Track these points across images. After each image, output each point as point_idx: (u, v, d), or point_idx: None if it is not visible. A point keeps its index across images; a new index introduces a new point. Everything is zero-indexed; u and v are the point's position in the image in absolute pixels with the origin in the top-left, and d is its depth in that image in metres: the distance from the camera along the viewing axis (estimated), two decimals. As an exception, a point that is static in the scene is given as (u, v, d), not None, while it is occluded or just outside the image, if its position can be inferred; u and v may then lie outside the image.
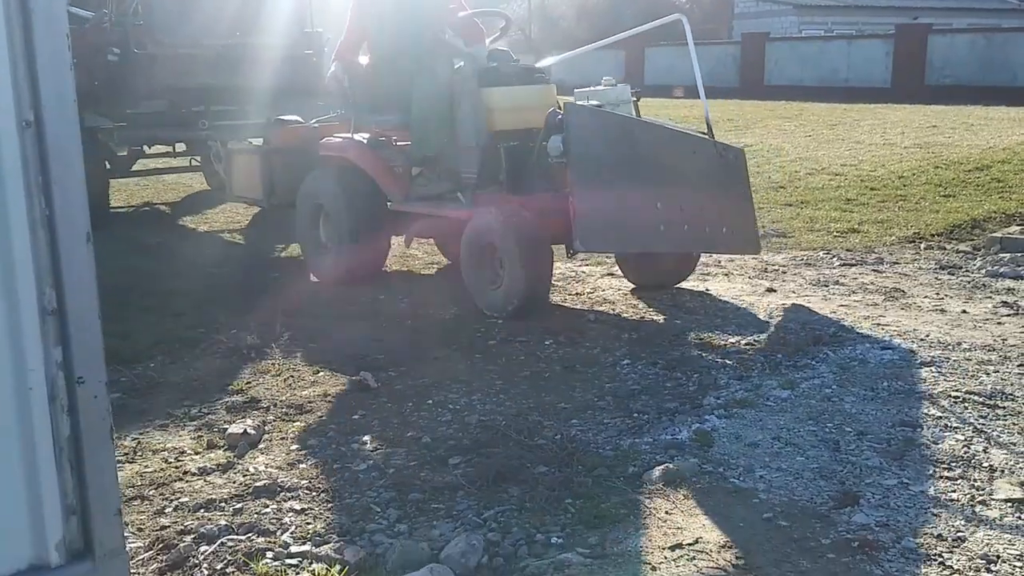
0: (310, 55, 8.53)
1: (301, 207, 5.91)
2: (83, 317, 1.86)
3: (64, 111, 1.78)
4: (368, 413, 3.49)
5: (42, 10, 1.70)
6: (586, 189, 4.39)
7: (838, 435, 3.14)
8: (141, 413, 3.56)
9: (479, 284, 4.87)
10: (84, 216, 1.85)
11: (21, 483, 1.78)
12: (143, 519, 2.66)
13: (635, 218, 4.62)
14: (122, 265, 6.44)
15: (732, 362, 3.97)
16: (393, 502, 2.73)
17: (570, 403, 3.54)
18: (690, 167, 4.98)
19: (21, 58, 1.69)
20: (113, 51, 7.53)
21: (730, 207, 5.18)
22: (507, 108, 5.00)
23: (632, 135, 4.75)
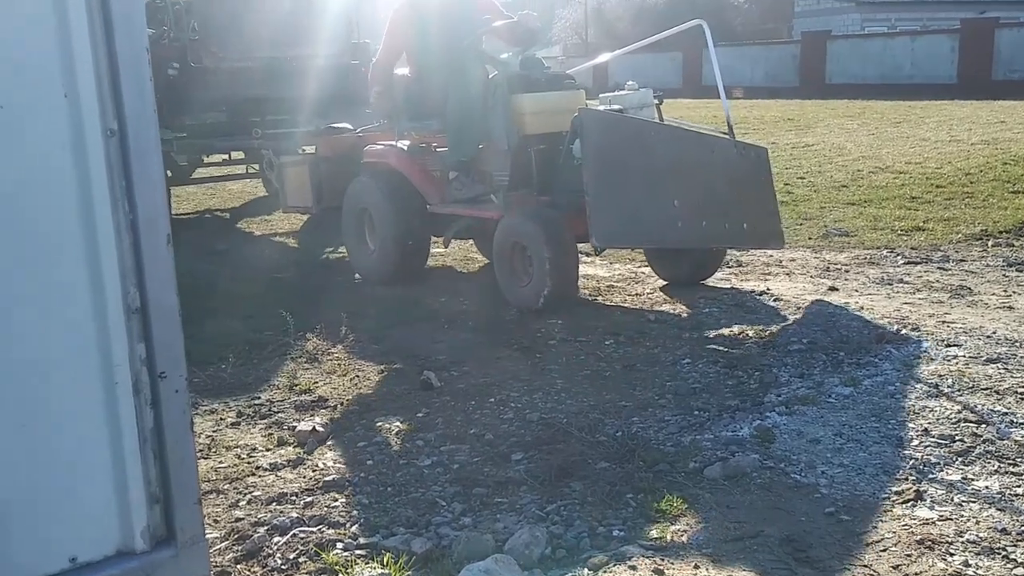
0: (357, 65, 8.80)
1: (347, 211, 6.21)
2: (165, 315, 1.96)
3: (145, 120, 1.88)
4: (431, 411, 3.57)
5: (123, 25, 1.80)
6: (599, 188, 4.60)
7: (901, 431, 3.12)
8: (213, 412, 3.69)
9: (509, 281, 5.12)
10: (165, 219, 1.95)
11: (109, 473, 1.88)
12: (219, 511, 2.77)
13: (651, 215, 4.83)
14: (187, 269, 6.62)
15: (794, 360, 3.97)
16: (458, 496, 2.80)
17: (631, 401, 3.57)
18: (708, 166, 5.15)
19: (105, 71, 1.79)
20: (173, 66, 7.88)
21: (752, 204, 5.34)
22: (537, 112, 5.20)
23: (646, 137, 4.97)
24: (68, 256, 1.76)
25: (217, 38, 8.05)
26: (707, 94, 24.37)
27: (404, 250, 5.79)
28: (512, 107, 5.15)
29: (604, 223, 4.59)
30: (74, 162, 1.74)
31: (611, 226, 4.66)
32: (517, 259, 5.05)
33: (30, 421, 1.76)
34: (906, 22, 32.89)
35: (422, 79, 5.67)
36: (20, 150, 1.67)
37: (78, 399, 1.81)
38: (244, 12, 8.35)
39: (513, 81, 5.22)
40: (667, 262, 5.58)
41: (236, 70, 8.09)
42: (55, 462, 1.80)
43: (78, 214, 1.76)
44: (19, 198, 1.68)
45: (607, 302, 5.22)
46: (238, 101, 8.28)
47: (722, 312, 4.86)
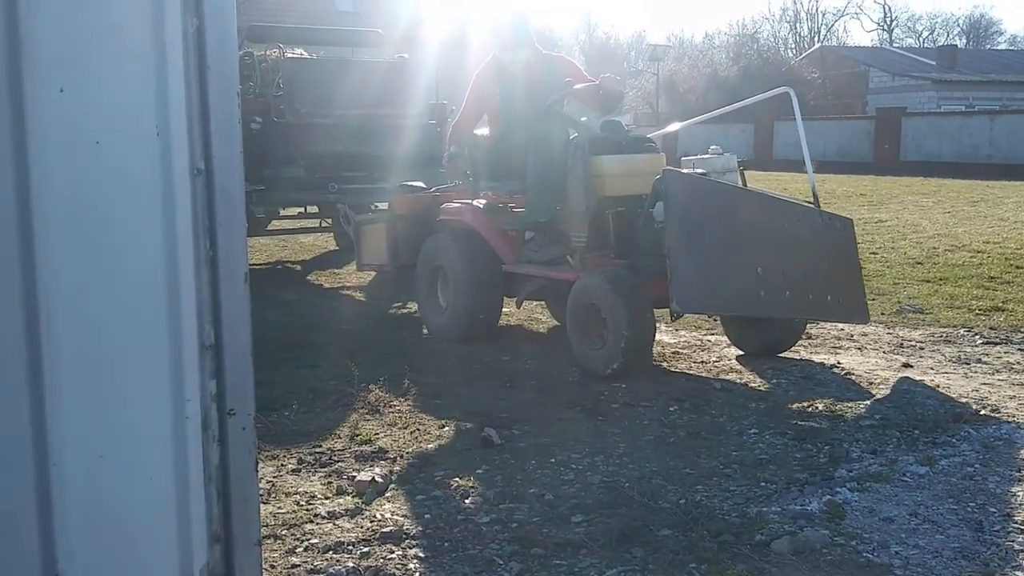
0: (434, 125, 8.97)
1: (421, 269, 6.18)
2: (237, 353, 1.98)
3: (232, 161, 1.92)
4: (491, 468, 3.53)
5: (217, 69, 1.85)
6: (682, 251, 4.52)
7: (981, 515, 2.99)
8: (275, 458, 3.70)
9: (582, 344, 5.02)
10: (243, 257, 1.97)
11: (172, 508, 1.88)
12: (275, 557, 2.75)
13: (734, 282, 4.71)
14: (257, 318, 6.71)
15: (865, 436, 3.84)
16: (515, 555, 2.74)
17: (695, 469, 3.49)
18: (793, 234, 5.07)
19: (196, 112, 1.84)
20: (256, 120, 8.10)
21: (836, 275, 5.22)
22: (616, 175, 5.17)
23: (730, 201, 4.91)
24: (150, 289, 1.78)
25: (301, 95, 8.28)
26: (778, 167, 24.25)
27: (477, 309, 5.75)
28: (592, 168, 5.13)
29: (685, 287, 4.49)
30: (162, 198, 1.78)
31: (692, 291, 4.55)
32: (592, 321, 4.95)
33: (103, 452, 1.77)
34: (983, 101, 32.47)
35: (503, 139, 5.71)
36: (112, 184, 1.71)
37: (148, 432, 1.82)
38: (328, 72, 8.61)
39: (594, 143, 5.20)
40: (745, 332, 5.44)
41: (316, 126, 8.27)
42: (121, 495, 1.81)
43: (162, 249, 1.79)
44: (107, 230, 1.72)
45: (672, 368, 5.15)
46: (316, 156, 8.43)
47: (791, 384, 4.75)
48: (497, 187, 5.79)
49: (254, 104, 8.20)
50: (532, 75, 5.65)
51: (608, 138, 5.31)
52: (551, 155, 5.29)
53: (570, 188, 5.22)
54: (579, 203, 5.17)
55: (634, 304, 4.73)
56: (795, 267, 4.93)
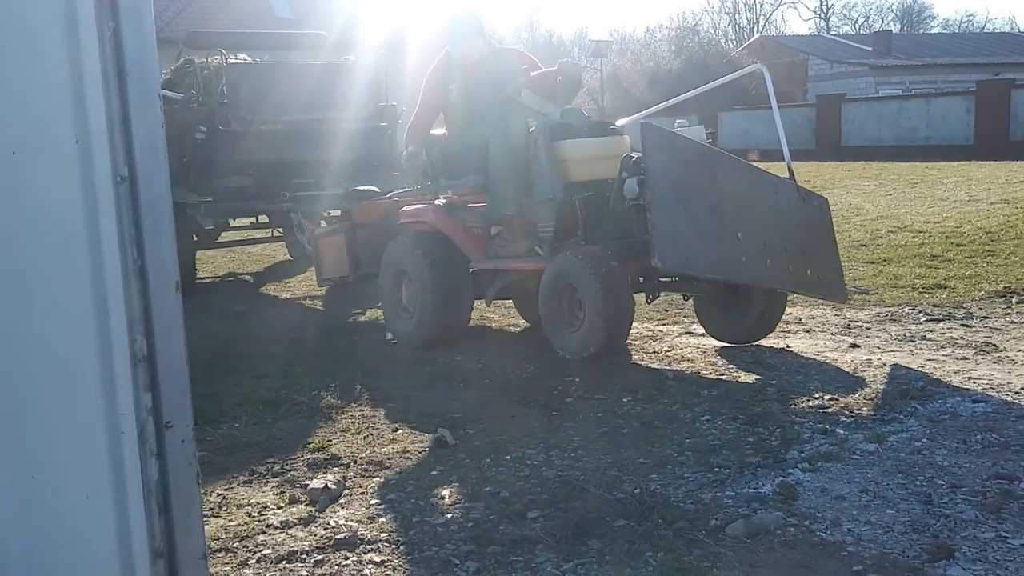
0: (385, 127, 8.80)
1: (384, 275, 6.03)
2: (172, 363, 1.93)
3: (157, 166, 1.87)
4: (446, 469, 3.50)
5: (136, 72, 1.80)
6: (663, 206, 4.40)
7: (930, 488, 3.03)
8: (225, 470, 3.63)
9: (557, 327, 4.92)
10: (174, 266, 1.93)
11: (111, 525, 1.83)
12: (227, 570, 2.70)
13: (715, 244, 4.59)
14: (207, 330, 6.63)
15: (816, 417, 3.88)
16: (472, 554, 2.72)
17: (649, 458, 3.49)
18: (772, 205, 4.97)
19: (117, 117, 1.78)
20: (200, 129, 7.91)
21: (815, 252, 5.14)
22: (580, 159, 5.09)
23: (710, 162, 4.77)
24: (76, 303, 1.73)
25: (246, 102, 8.06)
26: (723, 157, 24.44)
27: (445, 312, 5.60)
28: (555, 155, 5.05)
29: (667, 243, 4.35)
30: (84, 207, 1.73)
31: (674, 248, 4.40)
32: (566, 303, 4.87)
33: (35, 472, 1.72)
34: (920, 85, 33.11)
35: (460, 136, 5.62)
36: (30, 195, 1.66)
37: (82, 448, 1.77)
38: (273, 77, 8.40)
39: (555, 129, 5.13)
40: (720, 319, 5.33)
41: (264, 133, 8.07)
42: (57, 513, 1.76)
43: (87, 260, 1.74)
44: (28, 243, 1.67)
45: (624, 360, 5.15)
46: (265, 164, 8.22)
47: (742, 369, 4.79)
48: (458, 185, 5.67)
49: (198, 113, 8.02)
50: (486, 68, 5.57)
51: (570, 124, 5.23)
52: (512, 146, 5.22)
53: (535, 177, 5.13)
54: (545, 191, 5.08)
55: (612, 283, 4.62)
56: (775, 237, 4.85)
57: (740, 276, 4.79)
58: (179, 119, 8.00)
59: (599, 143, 5.22)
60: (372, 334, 6.40)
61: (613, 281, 4.63)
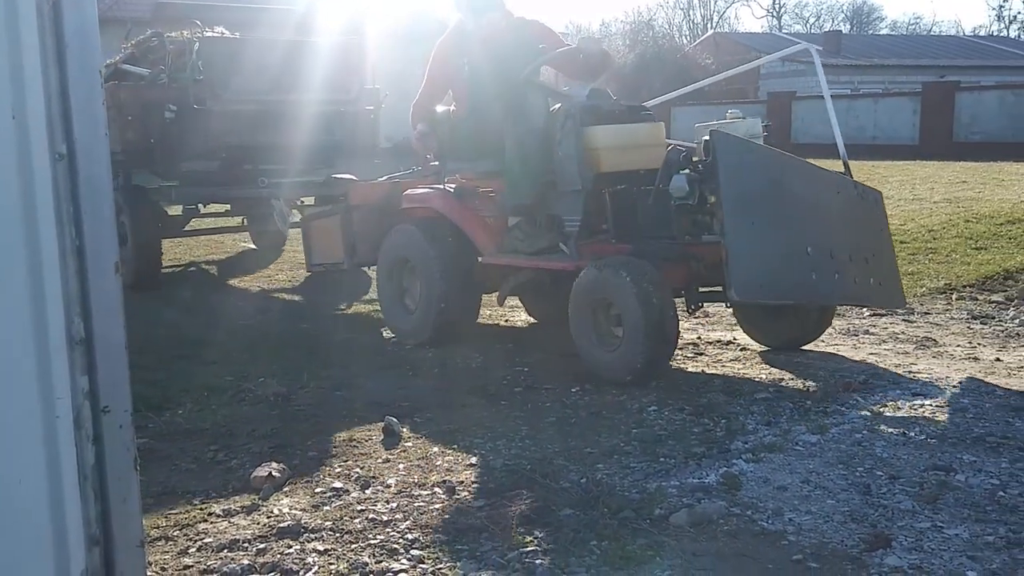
0: (371, 111, 8.26)
1: (383, 265, 5.61)
2: (110, 347, 1.89)
3: (96, 144, 1.83)
4: (393, 457, 3.49)
5: (76, 45, 1.75)
6: (741, 230, 3.92)
7: (869, 479, 3.08)
8: (168, 458, 3.57)
9: (590, 345, 4.42)
10: (113, 246, 1.88)
11: (46, 512, 1.79)
12: (167, 559, 2.66)
13: (788, 265, 4.16)
14: (156, 317, 6.52)
15: (760, 408, 3.93)
16: (416, 543, 2.71)
17: (596, 448, 3.51)
18: (836, 209, 4.53)
19: (56, 93, 1.74)
20: (170, 108, 7.31)
21: (875, 255, 4.70)
22: (614, 147, 4.59)
23: (779, 170, 4.31)
24: (10, 283, 1.69)
25: (223, 79, 7.39)
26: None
27: (451, 308, 5.15)
28: (585, 141, 4.54)
29: (744, 272, 3.87)
30: (20, 186, 1.69)
31: (752, 275, 3.95)
32: (601, 319, 4.37)
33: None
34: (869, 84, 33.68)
35: (472, 115, 5.12)
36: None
37: (15, 432, 1.73)
38: (253, 53, 7.65)
39: (585, 112, 4.62)
40: (768, 325, 4.90)
41: (241, 114, 7.45)
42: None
43: (22, 239, 1.70)
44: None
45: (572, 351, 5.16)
46: (242, 147, 7.62)
47: (689, 361, 4.83)
48: (467, 169, 5.21)
49: (167, 90, 7.37)
50: (502, 42, 5.06)
51: (600, 107, 4.72)
52: (531, 129, 4.73)
53: (560, 165, 4.63)
54: (571, 181, 4.58)
55: (656, 299, 4.12)
56: (841, 246, 4.40)
57: (812, 296, 4.37)
58: (146, 97, 7.44)
59: (634, 130, 4.73)
60: (322, 322, 6.35)
61: (657, 297, 4.13)
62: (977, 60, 36.40)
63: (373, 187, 6.17)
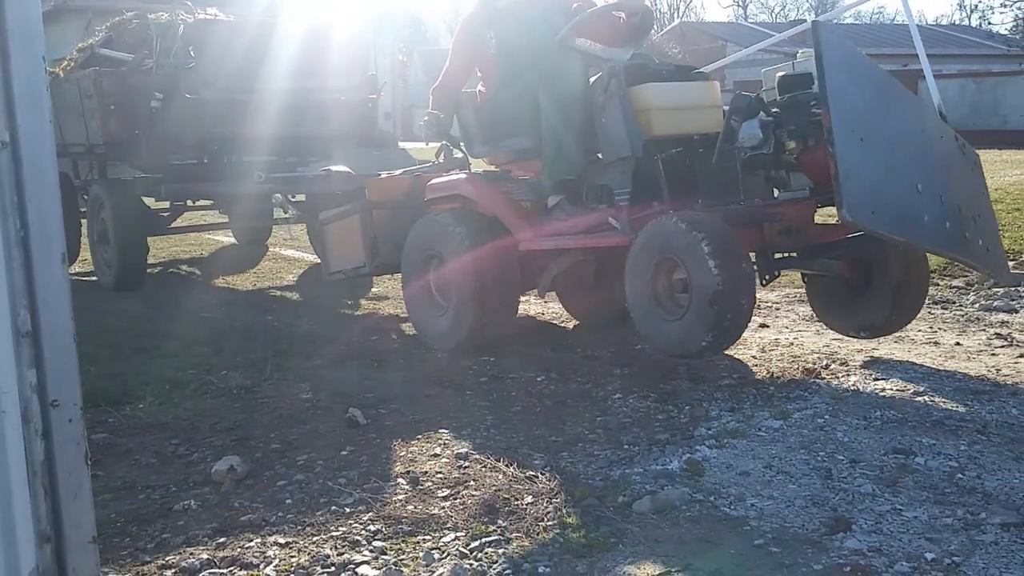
0: (371, 100, 7.88)
1: (408, 264, 5.14)
2: (58, 339, 1.85)
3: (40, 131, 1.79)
4: (356, 449, 3.46)
5: (18, 31, 1.71)
6: (850, 141, 3.42)
7: (831, 463, 3.10)
8: (128, 452, 3.52)
9: (649, 315, 3.99)
10: (59, 236, 1.84)
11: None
12: (124, 555, 2.62)
13: (898, 197, 3.66)
14: (116, 309, 6.44)
15: (724, 395, 3.94)
16: (379, 534, 2.69)
17: (560, 436, 3.51)
18: (941, 153, 4.09)
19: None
20: (156, 96, 6.85)
21: (980, 216, 4.24)
22: (666, 108, 4.23)
23: (888, 88, 3.87)
24: (-48, 274, 1.65)
25: (217, 66, 6.96)
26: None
27: (490, 304, 4.70)
28: (634, 103, 4.19)
29: (857, 188, 3.40)
30: (-40, 175, 1.64)
31: (864, 196, 3.46)
32: (662, 283, 3.97)
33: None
34: (833, 74, 33.90)
35: (502, 91, 4.77)
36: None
37: (-41, 428, 1.69)
38: (248, 37, 7.18)
39: (630, 72, 4.26)
40: (846, 308, 4.47)
41: (236, 103, 6.99)
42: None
43: (-36, 230, 1.66)
44: None
45: (540, 341, 5.16)
46: (236, 139, 7.12)
47: (654, 349, 4.83)
48: (498, 150, 4.86)
49: (152, 78, 6.91)
50: (532, 7, 4.75)
51: (646, 66, 4.37)
52: (570, 96, 4.40)
53: (605, 133, 4.28)
54: (619, 148, 4.21)
55: (728, 255, 3.66)
56: (949, 193, 3.93)
57: (925, 241, 3.85)
58: (129, 84, 6.96)
59: (687, 89, 4.36)
60: (285, 314, 6.30)
61: (730, 253, 3.67)
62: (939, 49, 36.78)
63: (393, 182, 5.72)
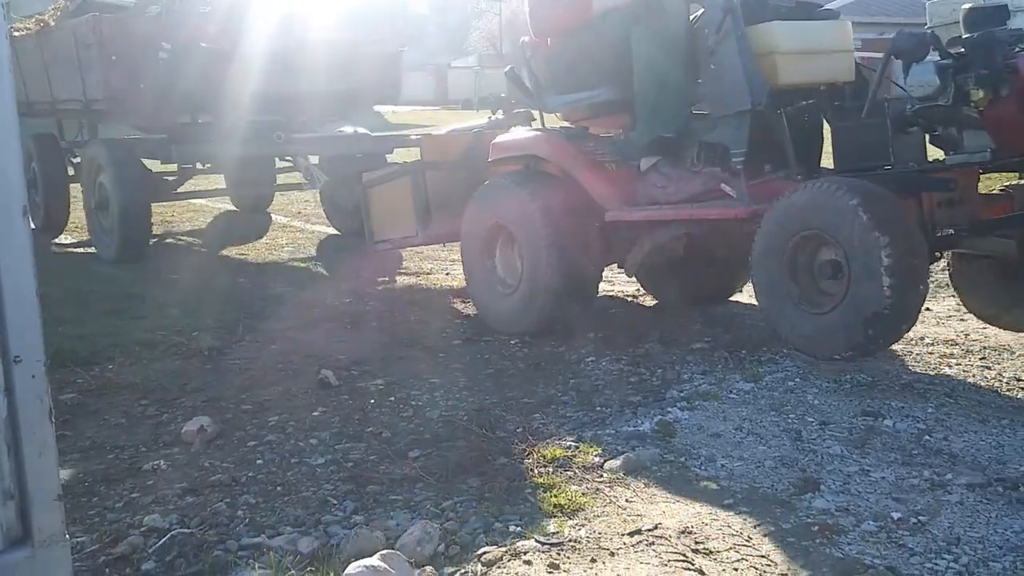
0: (398, 54, 7.31)
1: (470, 235, 4.57)
2: (20, 294, 1.81)
3: (0, 80, 1.74)
4: (328, 410, 3.44)
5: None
6: None
7: (800, 425, 3.13)
8: (96, 412, 3.49)
9: (785, 304, 3.43)
10: (20, 189, 1.80)
11: (-45, 466, 1.72)
12: (92, 514, 2.59)
13: None
14: (85, 271, 6.37)
15: (696, 358, 3.96)
16: (350, 494, 2.69)
17: (533, 398, 3.51)
18: None
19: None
20: (164, 47, 6.24)
21: None
22: (794, 52, 3.60)
23: None
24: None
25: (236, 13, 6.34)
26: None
27: (567, 282, 4.17)
28: (757, 44, 3.58)
29: None
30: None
31: None
32: (803, 265, 3.37)
33: None
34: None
35: (584, 31, 4.21)
36: None
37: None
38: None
39: (748, 8, 3.64)
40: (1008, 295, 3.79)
41: (255, 54, 6.34)
42: None
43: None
44: None
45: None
46: (253, 95, 6.45)
47: (628, 314, 4.85)
48: (575, 104, 4.24)
49: (159, 25, 6.33)
50: None
51: (766, 1, 3.74)
52: (672, 36, 3.84)
53: (717, 80, 3.68)
54: (734, 99, 3.59)
55: (898, 230, 3.04)
56: None
57: None
58: (134, 32, 6.34)
59: (817, 29, 3.70)
60: (258, 276, 6.25)
61: (900, 228, 3.04)
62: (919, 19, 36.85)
63: (451, 139, 5.17)
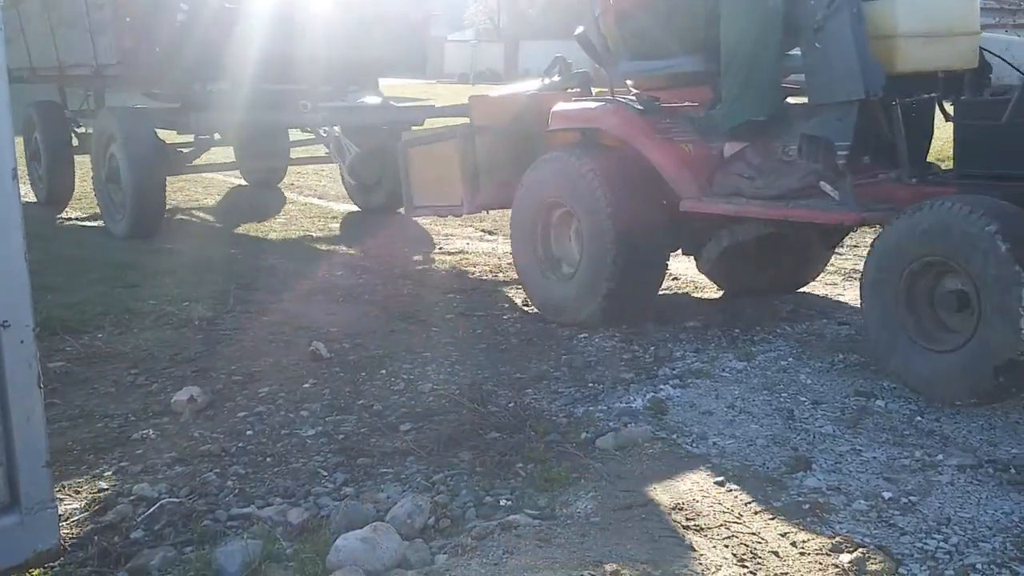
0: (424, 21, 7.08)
1: (522, 212, 4.22)
2: (8, 260, 1.79)
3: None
4: (319, 382, 3.43)
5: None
6: None
7: (793, 404, 3.13)
8: (86, 381, 3.47)
9: (899, 337, 3.04)
10: (10, 152, 1.77)
11: (-58, 431, 1.71)
12: (81, 482, 2.58)
13: None
14: (75, 239, 6.32)
15: (689, 336, 3.95)
16: (341, 466, 2.68)
17: (525, 373, 3.50)
18: None
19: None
20: (182, 8, 5.91)
21: None
22: (919, 34, 3.16)
23: None
24: None
25: None
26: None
27: (632, 274, 3.84)
28: (874, 22, 3.15)
29: None
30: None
31: None
32: (922, 296, 3.00)
33: None
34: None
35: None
36: None
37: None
38: None
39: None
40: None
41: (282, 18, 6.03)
42: None
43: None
44: None
45: (506, 278, 5.14)
46: (280, 61, 6.11)
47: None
48: (651, 72, 3.85)
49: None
50: None
51: None
52: (769, 5, 3.37)
53: (822, 61, 3.23)
54: (844, 86, 3.17)
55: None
56: None
57: None
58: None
59: (944, 8, 3.25)
60: (250, 246, 6.21)
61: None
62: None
63: (505, 102, 4.73)
